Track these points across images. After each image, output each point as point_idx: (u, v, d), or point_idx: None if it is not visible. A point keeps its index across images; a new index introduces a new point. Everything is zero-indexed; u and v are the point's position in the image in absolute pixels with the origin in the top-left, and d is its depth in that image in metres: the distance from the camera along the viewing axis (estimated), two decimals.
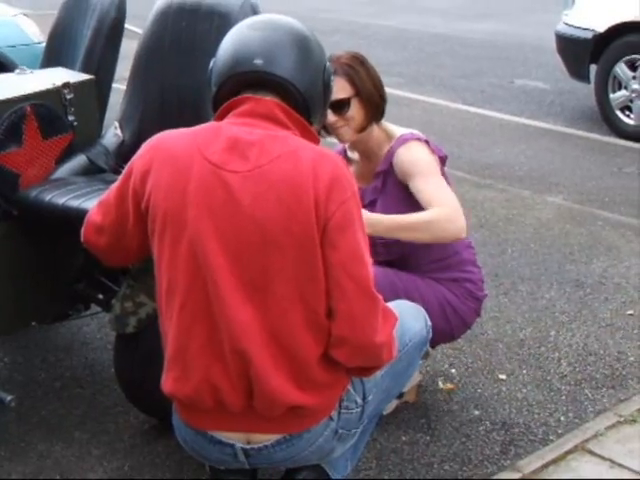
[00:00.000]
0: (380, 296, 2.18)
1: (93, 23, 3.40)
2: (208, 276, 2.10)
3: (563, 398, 3.35)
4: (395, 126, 3.10)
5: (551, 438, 3.11)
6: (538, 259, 4.59)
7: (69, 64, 3.48)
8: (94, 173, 3.12)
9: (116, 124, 3.28)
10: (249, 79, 2.16)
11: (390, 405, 3.21)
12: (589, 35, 7.00)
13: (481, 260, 4.36)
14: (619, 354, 3.66)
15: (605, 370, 3.54)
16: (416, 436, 3.11)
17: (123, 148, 3.22)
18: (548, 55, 8.77)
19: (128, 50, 3.49)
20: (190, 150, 2.13)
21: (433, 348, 3.42)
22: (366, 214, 2.61)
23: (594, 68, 7.12)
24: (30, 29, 6.03)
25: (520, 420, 3.21)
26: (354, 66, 2.95)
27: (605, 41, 6.93)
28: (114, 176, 3.11)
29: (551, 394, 3.37)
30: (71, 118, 3.12)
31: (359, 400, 2.34)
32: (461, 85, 8.69)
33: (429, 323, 2.66)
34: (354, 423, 2.36)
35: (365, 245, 2.15)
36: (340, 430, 2.32)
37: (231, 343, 2.11)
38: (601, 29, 6.90)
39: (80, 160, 3.13)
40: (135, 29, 7.25)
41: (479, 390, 3.40)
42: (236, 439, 2.25)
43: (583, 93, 7.88)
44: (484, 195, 5.51)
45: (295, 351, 2.14)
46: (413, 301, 3.03)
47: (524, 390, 3.40)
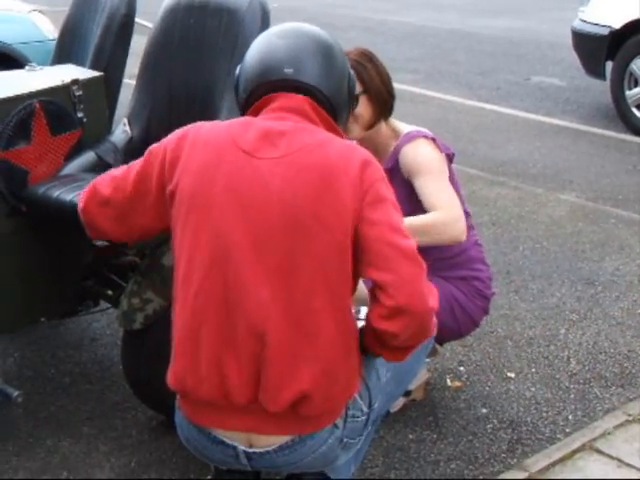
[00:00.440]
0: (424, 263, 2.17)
1: (103, 20, 3.40)
2: (230, 258, 2.10)
3: (572, 397, 3.34)
4: (403, 123, 3.09)
5: (559, 437, 3.10)
6: (550, 257, 4.57)
7: (79, 61, 3.49)
8: (103, 169, 3.11)
9: (125, 121, 3.29)
10: (279, 86, 2.22)
11: (397, 403, 3.21)
12: (605, 32, 6.95)
13: (492, 258, 4.40)
14: (629, 352, 3.64)
15: (615, 369, 3.53)
16: (423, 434, 3.11)
17: (132, 144, 3.22)
18: (564, 52, 8.73)
19: (139, 46, 3.49)
20: (224, 139, 2.18)
21: (441, 345, 3.42)
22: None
23: (610, 65, 7.08)
24: (45, 26, 6.05)
25: (528, 419, 3.20)
26: (362, 62, 2.94)
27: (621, 38, 6.89)
28: None
29: (560, 393, 3.36)
30: (80, 115, 3.13)
31: (365, 408, 2.33)
32: (477, 82, 8.66)
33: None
34: (359, 431, 2.35)
35: (401, 222, 2.16)
36: (345, 439, 2.30)
37: (248, 326, 2.10)
38: (617, 26, 6.86)
39: (89, 157, 3.14)
40: (146, 23, 7.26)
41: (487, 388, 3.39)
42: (238, 440, 2.23)
43: (599, 90, 7.84)
44: (497, 193, 5.49)
45: (315, 338, 2.12)
46: None
47: (532, 388, 3.39)
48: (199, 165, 2.16)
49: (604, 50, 6.98)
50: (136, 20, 3.53)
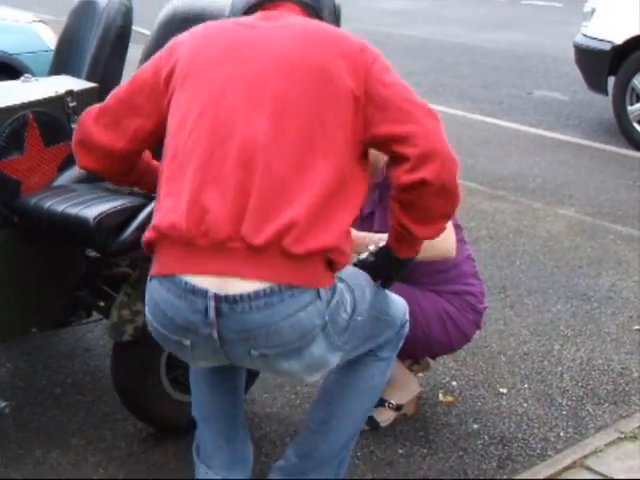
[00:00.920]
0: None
1: (99, 31, 3.42)
2: (224, 100, 2.17)
3: (564, 413, 3.32)
4: None
5: (549, 454, 3.09)
6: (546, 272, 4.56)
7: (76, 72, 3.50)
8: (95, 180, 3.13)
9: None
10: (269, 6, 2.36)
11: (388, 417, 3.20)
12: (607, 47, 6.96)
13: (489, 272, 4.39)
14: (623, 370, 3.63)
15: (608, 386, 3.51)
16: (413, 449, 3.10)
17: None
18: (567, 67, 8.73)
19: (137, 56, 3.49)
20: (224, 22, 2.33)
21: (434, 359, 3.41)
22: (359, 233, 2.61)
23: (612, 80, 7.08)
24: (47, 36, 6.07)
25: (519, 435, 3.19)
26: None
27: (623, 53, 6.89)
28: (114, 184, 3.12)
29: (552, 409, 3.35)
30: (74, 126, 3.12)
31: (348, 309, 2.26)
32: (480, 95, 8.67)
33: (407, 317, 2.61)
34: (340, 329, 2.24)
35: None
36: (327, 320, 2.18)
37: (237, 156, 2.11)
38: (619, 41, 6.86)
39: None
40: (145, 31, 7.27)
41: (479, 403, 3.38)
42: (211, 284, 2.10)
43: (601, 105, 7.83)
44: (495, 207, 5.48)
45: (305, 174, 2.10)
46: (412, 312, 3.02)
47: (524, 404, 3.37)
48: (196, 43, 2.29)
49: (606, 65, 6.98)
50: (134, 28, 3.55)
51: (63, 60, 3.69)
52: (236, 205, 2.09)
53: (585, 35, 7.26)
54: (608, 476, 2.93)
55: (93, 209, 2.82)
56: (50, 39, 5.99)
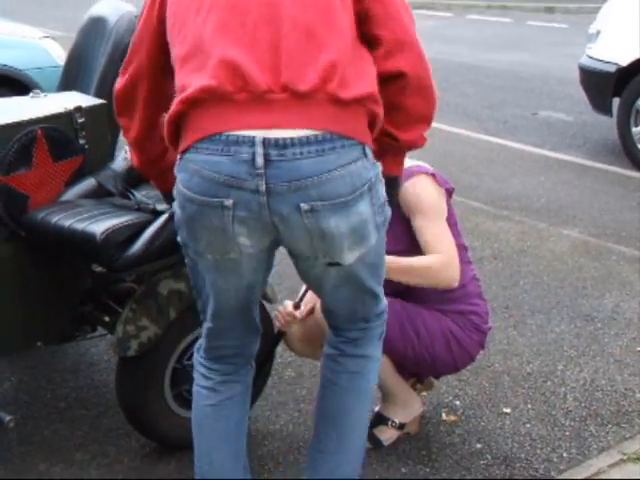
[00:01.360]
0: None
1: (108, 48, 3.43)
2: None
3: (567, 434, 3.32)
4: None
5: (552, 474, 3.09)
6: (550, 292, 4.57)
7: (84, 88, 3.52)
8: (102, 196, 3.15)
9: (126, 148, 3.30)
10: None
11: (391, 436, 3.20)
12: (612, 68, 6.98)
13: (492, 292, 4.40)
14: (626, 391, 3.63)
15: (611, 407, 3.51)
16: (416, 468, 3.10)
17: (132, 172, 3.23)
18: (572, 87, 8.75)
19: None
20: None
21: (437, 379, 3.42)
22: None
23: (617, 101, 7.10)
24: (56, 52, 6.10)
25: (522, 455, 3.19)
26: None
27: (628, 75, 6.91)
28: (122, 200, 3.14)
29: (555, 430, 3.35)
30: (82, 142, 3.15)
31: (382, 200, 2.26)
32: (484, 115, 8.70)
33: (387, 310, 2.62)
34: (380, 204, 2.24)
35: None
36: (374, 181, 2.17)
37: (264, 12, 2.08)
38: (624, 63, 6.88)
39: (89, 183, 3.16)
40: None
41: (482, 423, 3.38)
42: (256, 133, 2.03)
43: (606, 126, 7.85)
44: (500, 227, 5.49)
45: (329, 24, 2.10)
46: (417, 331, 3.04)
47: (528, 425, 3.37)
48: None
49: (611, 87, 7.00)
50: None
51: (72, 77, 3.71)
52: (268, 59, 2.06)
53: (590, 56, 7.28)
54: None
55: (100, 225, 2.84)
56: (59, 55, 6.02)
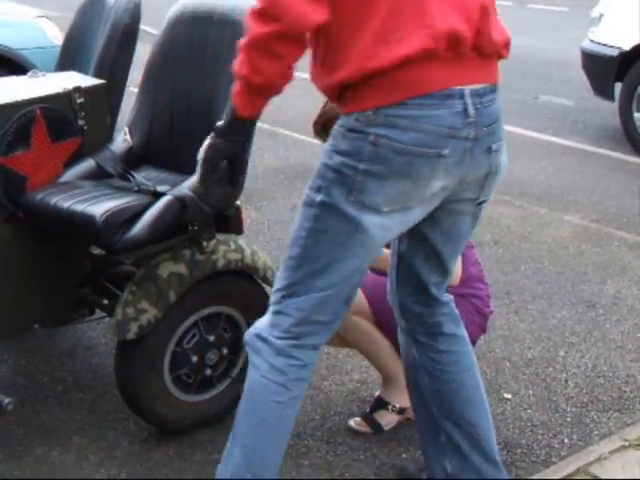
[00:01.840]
0: None
1: (107, 29, 3.39)
2: None
3: (568, 420, 3.30)
4: None
5: (554, 460, 3.07)
6: (551, 278, 4.54)
7: (83, 69, 3.49)
8: (101, 177, 3.12)
9: (126, 129, 3.28)
10: None
11: (391, 420, 3.18)
12: (615, 53, 6.94)
13: (493, 277, 4.37)
14: (628, 377, 3.61)
15: (613, 393, 3.49)
16: (416, 453, 3.07)
17: (131, 154, 3.21)
18: (574, 72, 8.71)
19: (145, 54, 3.48)
20: None
21: None
22: None
23: (619, 86, 7.05)
24: (51, 32, 6.02)
25: (523, 441, 3.17)
26: None
27: (631, 59, 6.87)
28: (121, 181, 3.11)
29: (556, 415, 3.33)
30: (81, 122, 3.12)
31: None
32: None
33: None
34: None
35: None
36: None
37: None
38: (627, 47, 6.84)
39: (88, 164, 3.13)
40: (152, 31, 7.26)
41: None
42: (461, 87, 2.24)
43: (607, 111, 7.81)
44: (500, 212, 5.46)
45: None
46: None
47: (529, 410, 3.35)
48: None
49: (613, 71, 6.96)
50: (142, 28, 3.52)
51: (70, 57, 3.68)
52: (472, 20, 2.22)
53: (592, 40, 7.24)
54: None
55: (100, 206, 2.81)
56: (55, 35, 5.95)
